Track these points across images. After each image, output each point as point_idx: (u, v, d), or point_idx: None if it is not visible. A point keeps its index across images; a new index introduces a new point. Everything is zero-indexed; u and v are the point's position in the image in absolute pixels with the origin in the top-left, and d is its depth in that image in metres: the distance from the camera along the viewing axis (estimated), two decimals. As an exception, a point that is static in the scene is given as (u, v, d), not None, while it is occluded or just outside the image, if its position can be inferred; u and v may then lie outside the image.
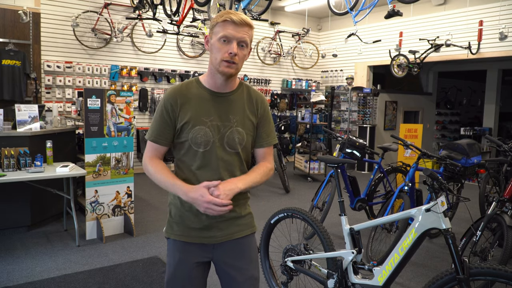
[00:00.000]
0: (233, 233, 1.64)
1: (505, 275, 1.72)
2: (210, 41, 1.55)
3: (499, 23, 6.69)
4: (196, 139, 1.54)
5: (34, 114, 4.16)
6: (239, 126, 1.59)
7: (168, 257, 1.67)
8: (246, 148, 1.64)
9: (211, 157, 1.56)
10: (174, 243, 1.64)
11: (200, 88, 1.59)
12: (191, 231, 1.61)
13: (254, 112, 1.65)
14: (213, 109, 1.57)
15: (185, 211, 1.61)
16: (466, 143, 4.07)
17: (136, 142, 7.66)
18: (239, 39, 1.50)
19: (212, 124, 1.56)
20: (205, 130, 1.55)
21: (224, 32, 1.49)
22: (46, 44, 6.63)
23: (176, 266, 1.62)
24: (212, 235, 1.60)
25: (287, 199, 6.07)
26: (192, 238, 1.61)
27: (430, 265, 3.69)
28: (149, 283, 3.14)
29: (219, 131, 1.56)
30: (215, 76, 1.56)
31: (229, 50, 1.48)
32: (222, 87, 1.59)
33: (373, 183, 4.51)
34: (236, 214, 1.63)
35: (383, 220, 2.45)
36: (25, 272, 3.26)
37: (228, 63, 1.50)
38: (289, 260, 2.60)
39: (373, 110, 9.31)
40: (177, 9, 5.89)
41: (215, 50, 1.52)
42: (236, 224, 1.65)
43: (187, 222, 1.61)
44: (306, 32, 9.36)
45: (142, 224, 4.59)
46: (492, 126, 9.91)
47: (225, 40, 1.49)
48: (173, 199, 1.66)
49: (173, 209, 1.65)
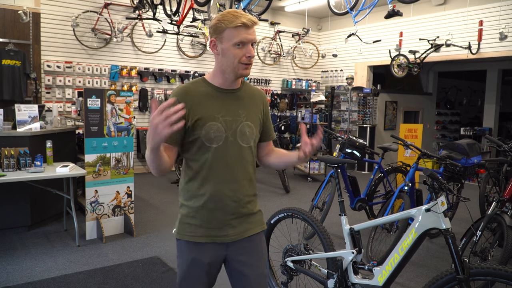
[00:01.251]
0: (245, 231, 1.64)
1: (505, 275, 1.71)
2: (220, 46, 1.54)
3: (499, 23, 6.69)
4: (209, 135, 1.55)
5: (34, 114, 4.16)
6: (248, 121, 1.62)
7: (179, 258, 1.65)
8: (255, 143, 1.67)
9: (224, 152, 1.56)
10: (186, 244, 1.62)
11: (207, 86, 1.61)
12: (204, 231, 1.59)
13: (259, 108, 1.69)
14: (223, 105, 1.59)
15: (198, 210, 1.59)
16: (466, 143, 4.07)
17: (136, 142, 7.66)
18: (252, 40, 1.54)
19: (224, 120, 1.57)
20: (218, 125, 1.56)
21: (239, 38, 1.50)
22: (46, 44, 6.63)
23: (189, 267, 1.60)
24: (225, 233, 1.60)
25: (287, 199, 6.06)
26: (206, 238, 1.59)
27: (430, 265, 3.69)
28: (149, 283, 3.14)
29: (231, 126, 1.58)
30: (226, 76, 1.58)
31: (247, 54, 1.52)
32: (230, 85, 1.62)
33: (373, 183, 4.51)
34: (248, 211, 1.65)
35: (383, 220, 2.45)
36: (25, 272, 3.26)
37: (246, 65, 1.55)
38: (289, 260, 2.60)
39: (373, 110, 9.31)
40: (177, 9, 5.89)
41: (230, 55, 1.52)
42: (248, 221, 1.66)
43: (200, 221, 1.59)
44: (306, 32, 9.36)
45: (142, 224, 4.59)
46: (492, 126, 9.91)
47: (239, 44, 1.51)
48: (184, 200, 1.63)
49: (185, 209, 1.63)
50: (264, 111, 1.72)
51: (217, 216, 1.58)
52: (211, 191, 1.57)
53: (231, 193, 1.58)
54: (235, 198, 1.59)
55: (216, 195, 1.57)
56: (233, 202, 1.59)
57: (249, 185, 1.64)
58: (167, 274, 3.32)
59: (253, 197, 1.67)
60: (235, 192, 1.59)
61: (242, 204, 1.61)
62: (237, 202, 1.60)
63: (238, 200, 1.60)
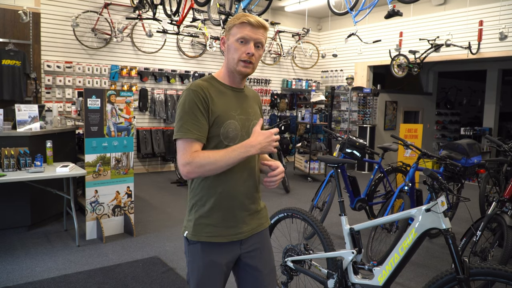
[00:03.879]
0: (256, 227, 1.67)
1: (505, 275, 1.72)
2: (227, 42, 1.59)
3: (499, 23, 6.69)
4: (228, 133, 1.55)
5: (34, 114, 4.16)
6: (256, 119, 1.67)
7: (193, 262, 1.59)
8: None
9: None
10: (202, 246, 1.57)
11: (219, 84, 1.62)
12: (221, 230, 1.57)
13: (260, 108, 1.77)
14: (238, 104, 1.62)
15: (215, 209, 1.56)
16: (466, 143, 4.07)
17: (136, 142, 7.66)
18: (256, 40, 1.55)
19: (239, 118, 1.60)
20: (235, 124, 1.58)
21: (242, 34, 1.53)
22: (46, 44, 6.63)
23: (206, 270, 1.56)
24: (240, 231, 1.61)
25: (287, 199, 6.06)
26: (224, 238, 1.58)
27: (430, 265, 3.69)
28: (149, 283, 3.14)
29: (244, 124, 1.61)
30: (232, 74, 1.61)
31: (247, 51, 1.54)
32: (238, 84, 1.64)
33: (373, 183, 4.51)
34: (258, 207, 1.69)
35: (383, 220, 2.45)
36: (25, 272, 3.26)
37: (245, 63, 1.56)
38: (289, 260, 2.60)
39: (373, 110, 9.31)
40: (177, 9, 5.89)
41: (233, 50, 1.56)
42: (258, 217, 1.70)
43: (216, 221, 1.57)
44: (306, 32, 9.36)
45: (142, 224, 4.59)
46: (492, 126, 9.91)
47: (242, 41, 1.54)
48: (199, 199, 1.59)
49: (200, 209, 1.58)
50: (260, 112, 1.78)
51: (234, 214, 1.59)
52: (228, 189, 1.57)
53: (245, 190, 1.61)
54: (249, 195, 1.63)
55: (232, 193, 1.58)
56: (248, 199, 1.62)
57: (257, 181, 1.69)
58: (167, 274, 3.32)
59: (260, 193, 1.72)
60: (248, 189, 1.62)
61: (254, 200, 1.66)
62: (251, 199, 1.64)
63: (251, 197, 1.64)
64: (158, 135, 7.86)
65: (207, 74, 8.29)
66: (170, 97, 7.94)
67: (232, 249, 1.61)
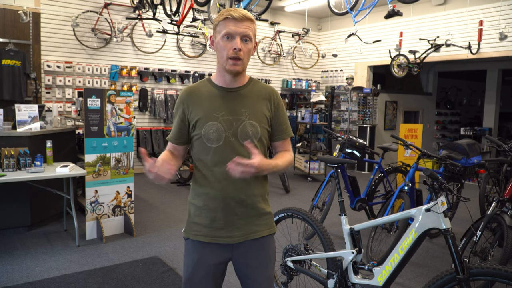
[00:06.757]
0: (251, 233, 1.61)
1: (505, 275, 1.71)
2: (215, 41, 1.57)
3: (499, 23, 6.69)
4: (208, 135, 1.55)
5: (34, 114, 4.16)
6: (252, 119, 1.58)
7: (186, 258, 1.66)
8: (261, 142, 1.61)
9: (225, 152, 1.55)
10: (192, 244, 1.62)
11: (210, 86, 1.62)
12: (208, 231, 1.59)
13: (267, 106, 1.64)
14: (224, 104, 1.58)
15: (202, 209, 1.59)
16: (466, 143, 4.07)
17: (136, 142, 7.66)
18: (242, 33, 1.50)
19: (224, 119, 1.56)
20: (217, 125, 1.55)
21: (226, 29, 1.50)
22: (46, 44, 6.63)
23: (194, 267, 1.60)
24: (230, 235, 1.58)
25: (287, 199, 6.06)
26: (210, 238, 1.59)
27: (430, 265, 3.69)
28: (149, 283, 3.14)
29: (231, 126, 1.56)
30: (223, 74, 1.59)
31: (233, 46, 1.49)
32: (231, 83, 1.60)
33: (373, 183, 4.51)
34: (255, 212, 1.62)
35: (383, 220, 2.45)
36: (25, 272, 3.26)
37: (233, 60, 1.51)
38: (289, 260, 2.60)
39: (373, 110, 9.31)
40: (177, 9, 5.89)
41: (220, 48, 1.53)
42: (256, 223, 1.62)
43: (204, 221, 1.59)
44: (306, 32, 9.36)
45: (142, 224, 4.59)
46: (492, 126, 9.91)
47: (228, 37, 1.51)
48: (192, 198, 1.65)
49: (192, 207, 1.64)
50: (272, 109, 1.64)
51: (220, 216, 1.57)
52: (212, 191, 1.57)
53: (233, 193, 1.56)
54: (238, 198, 1.57)
55: (217, 195, 1.56)
56: (236, 202, 1.57)
57: (255, 185, 1.60)
58: (167, 274, 3.32)
59: (260, 197, 1.63)
60: (238, 192, 1.57)
61: (246, 204, 1.59)
62: (240, 203, 1.58)
63: (241, 201, 1.58)
64: (158, 135, 7.86)
65: (207, 74, 8.31)
66: (170, 97, 7.94)
67: (222, 251, 1.60)
